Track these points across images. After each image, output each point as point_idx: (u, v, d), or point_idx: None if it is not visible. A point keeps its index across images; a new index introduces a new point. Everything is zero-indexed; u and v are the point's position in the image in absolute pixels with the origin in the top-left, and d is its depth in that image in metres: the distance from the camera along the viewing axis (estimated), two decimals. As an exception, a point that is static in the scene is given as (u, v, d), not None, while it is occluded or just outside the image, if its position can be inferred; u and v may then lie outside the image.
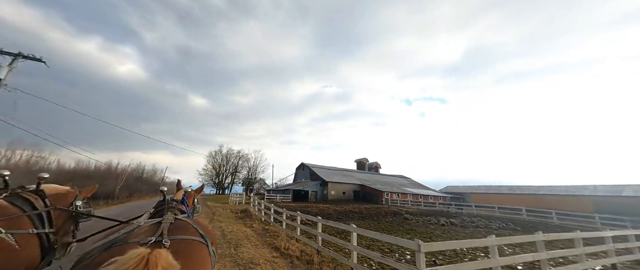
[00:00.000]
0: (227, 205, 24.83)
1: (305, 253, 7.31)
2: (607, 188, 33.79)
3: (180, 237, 1.46)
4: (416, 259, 3.78)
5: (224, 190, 65.44)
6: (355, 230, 5.64)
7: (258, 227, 11.95)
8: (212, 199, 36.01)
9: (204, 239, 1.56)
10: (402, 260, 6.95)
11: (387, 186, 42.64)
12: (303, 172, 49.47)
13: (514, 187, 43.78)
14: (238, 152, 68.81)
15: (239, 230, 10.29)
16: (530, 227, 15.86)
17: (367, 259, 6.83)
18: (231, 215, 16.72)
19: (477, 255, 8.18)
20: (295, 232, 9.39)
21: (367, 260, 6.75)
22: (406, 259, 7.15)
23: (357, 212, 19.79)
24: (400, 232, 11.97)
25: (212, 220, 12.81)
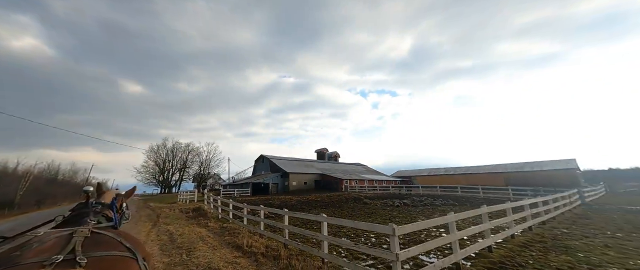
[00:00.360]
0: (176, 205, 22.19)
1: (270, 248, 6.87)
2: (514, 165, 42.28)
3: (100, 253, 1.19)
4: (391, 243, 3.75)
5: (170, 188, 58.67)
6: (326, 220, 5.44)
7: (215, 226, 10.90)
8: (156, 199, 31.81)
9: (132, 253, 1.32)
10: (368, 244, 7.12)
11: (346, 174, 44.53)
12: (263, 165, 47.74)
13: (449, 169, 51.14)
14: (187, 146, 62.11)
15: (191, 232, 9.14)
16: (464, 202, 18.55)
17: (337, 247, 6.77)
18: (181, 215, 14.92)
19: (430, 230, 9.03)
20: (259, 227, 8.80)
21: (336, 248, 6.68)
22: (371, 242, 7.37)
23: (319, 200, 20.01)
24: (363, 216, 12.49)
25: (157, 224, 11.13)
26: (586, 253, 5.68)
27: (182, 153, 61.35)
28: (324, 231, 5.42)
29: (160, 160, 57.65)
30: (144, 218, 13.50)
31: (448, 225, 4.98)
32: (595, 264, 4.93)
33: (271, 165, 43.88)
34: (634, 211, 13.05)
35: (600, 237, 7.31)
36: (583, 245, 6.30)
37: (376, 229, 4.11)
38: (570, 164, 36.33)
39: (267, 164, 45.88)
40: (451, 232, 4.88)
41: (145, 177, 55.66)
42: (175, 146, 60.22)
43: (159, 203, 25.03)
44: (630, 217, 11.10)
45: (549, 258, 5.36)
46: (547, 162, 39.50)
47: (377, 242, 7.36)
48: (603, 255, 5.52)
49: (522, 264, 5.05)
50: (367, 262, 5.52)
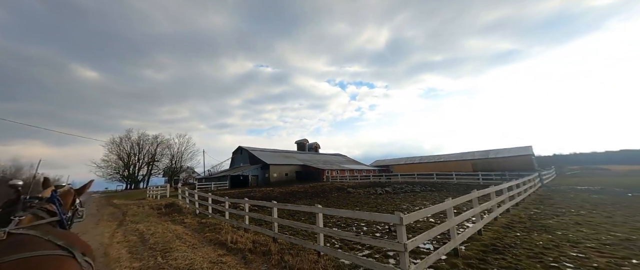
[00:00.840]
0: (146, 201, 20.40)
1: (259, 243, 6.39)
2: (480, 153, 46.00)
3: (18, 256, 1.09)
4: (398, 232, 3.50)
5: (137, 184, 54.33)
6: (321, 211, 5.08)
7: (192, 222, 10.06)
8: (121, 196, 29.08)
9: (67, 250, 1.24)
10: (360, 233, 6.95)
11: (327, 164, 44.75)
12: (241, 157, 46.00)
13: (424, 158, 54.04)
14: (155, 138, 57.45)
15: (165, 230, 8.27)
16: (441, 187, 19.55)
17: (330, 238, 6.47)
18: (152, 212, 13.65)
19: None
20: (243, 221, 8.22)
21: (331, 240, 6.39)
22: (363, 231, 7.22)
23: (303, 191, 19.70)
24: (350, 205, 12.43)
25: (123, 223, 9.96)
26: (563, 231, 6.08)
27: (149, 145, 56.70)
28: (320, 223, 5.06)
29: (124, 154, 52.74)
30: (108, 217, 12.07)
31: (446, 212, 4.91)
32: (575, 241, 5.26)
33: (250, 157, 42.44)
34: (585, 191, 14.73)
35: (568, 215, 7.98)
36: (557, 224, 6.78)
37: (381, 219, 3.84)
38: (527, 150, 40.39)
39: (245, 156, 44.29)
40: (449, 217, 4.82)
41: (107, 173, 50.69)
42: (141, 138, 55.34)
43: (125, 200, 22.87)
44: (585, 196, 12.46)
45: (533, 238, 5.63)
46: (508, 149, 43.48)
47: (369, 231, 7.23)
48: (578, 232, 5.95)
49: (512, 244, 5.21)
50: (363, 253, 5.32)
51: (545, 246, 5.01)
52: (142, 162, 56.07)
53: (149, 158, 57.06)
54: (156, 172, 59.93)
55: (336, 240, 6.35)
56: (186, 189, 15.04)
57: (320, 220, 5.09)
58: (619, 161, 49.00)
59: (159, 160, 58.92)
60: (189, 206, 13.96)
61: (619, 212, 8.15)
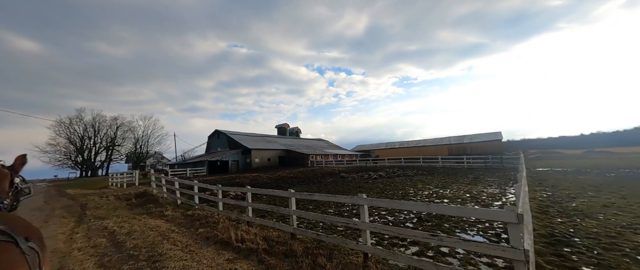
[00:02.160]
0: (109, 190, 17.71)
1: (273, 241, 5.19)
2: (455, 138, 48.79)
3: None
4: (511, 234, 2.57)
5: (94, 171, 48.49)
6: (367, 202, 4.00)
7: (175, 215, 8.46)
8: (75, 185, 25.23)
9: (7, 234, 1.01)
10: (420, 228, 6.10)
11: (310, 149, 43.78)
12: (218, 141, 42.82)
13: (404, 142, 55.96)
14: (114, 119, 51.00)
15: (144, 227, 6.64)
16: (432, 171, 19.81)
17: (380, 236, 5.33)
18: (120, 203, 11.55)
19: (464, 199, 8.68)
20: (245, 213, 6.88)
21: (380, 237, 5.23)
22: (386, 220, 6.37)
23: (292, 177, 18.56)
24: (354, 190, 11.66)
25: (84, 219, 7.99)
26: (602, 215, 5.84)
27: (108, 128, 50.33)
28: (365, 217, 3.99)
29: (76, 137, 46.18)
30: (61, 211, 9.78)
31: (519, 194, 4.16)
32: (621, 224, 4.96)
33: (229, 142, 39.65)
34: (562, 172, 15.80)
35: (584, 197, 8.01)
36: (586, 207, 6.61)
37: (487, 216, 2.87)
38: (497, 136, 43.64)
39: (224, 140, 41.31)
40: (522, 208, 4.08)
41: (56, 158, 44.17)
42: (97, 120, 48.64)
43: (82, 189, 19.70)
44: (570, 177, 13.20)
45: (584, 225, 5.25)
46: (480, 134, 46.59)
47: (395, 221, 6.41)
48: (616, 215, 5.75)
49: (569, 233, 4.74)
50: (412, 251, 4.44)
51: (607, 234, 4.61)
52: (99, 146, 49.79)
53: (108, 142, 50.86)
54: (118, 157, 54.01)
55: (387, 238, 5.33)
56: (163, 176, 12.96)
57: (366, 214, 4.02)
58: (572, 146, 55.63)
59: (120, 145, 52.93)
60: (166, 195, 12.05)
61: (623, 191, 8.38)
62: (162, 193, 12.56)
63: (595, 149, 47.66)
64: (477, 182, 12.44)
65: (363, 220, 3.99)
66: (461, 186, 11.49)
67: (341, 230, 5.85)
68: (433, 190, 10.79)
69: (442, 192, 10.03)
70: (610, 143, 57.06)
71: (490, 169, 19.19)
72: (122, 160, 56.65)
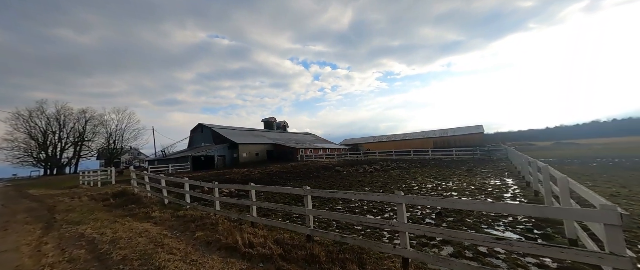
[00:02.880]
0: (81, 190, 16.00)
1: (287, 245, 4.61)
2: (439, 132, 50.36)
3: None
4: (611, 239, 2.20)
5: (61, 168, 44.42)
6: (405, 200, 3.51)
7: (164, 217, 7.58)
8: (40, 184, 22.72)
9: None
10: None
11: (299, 143, 42.98)
12: (202, 135, 40.66)
13: (391, 136, 56.89)
14: (83, 113, 46.71)
15: (131, 233, 5.75)
16: (425, 163, 20.02)
17: (425, 239, 4.78)
18: (96, 205, 10.32)
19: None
20: (249, 213, 6.20)
21: (425, 241, 4.68)
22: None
23: (286, 172, 17.87)
24: (357, 185, 11.28)
25: (53, 225, 6.86)
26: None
27: (75, 122, 46.04)
28: (403, 217, 3.51)
29: (38, 132, 41.75)
30: (24, 216, 8.44)
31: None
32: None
33: (215, 136, 37.77)
34: (546, 162, 16.54)
35: (604, 184, 8.20)
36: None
37: (588, 218, 2.46)
38: (479, 129, 45.59)
39: (208, 135, 39.29)
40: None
41: (14, 155, 39.70)
42: (62, 113, 44.21)
43: (47, 189, 17.67)
44: (557, 167, 13.73)
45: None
46: (463, 128, 48.44)
47: (414, 217, 6.05)
48: (631, 205, 5.79)
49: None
50: (448, 251, 4.06)
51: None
52: (66, 142, 45.49)
53: (76, 137, 46.61)
54: (88, 154, 49.85)
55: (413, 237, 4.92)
56: (146, 174, 11.73)
57: (405, 213, 3.54)
58: (541, 138, 59.69)
59: (91, 140, 48.79)
60: (151, 195, 10.94)
61: (618, 180, 8.67)
62: (145, 192, 11.38)
63: (562, 141, 51.40)
64: (474, 174, 12.58)
65: (401, 221, 3.50)
66: (460, 178, 11.53)
67: (360, 229, 5.39)
68: (435, 183, 10.68)
69: (446, 185, 9.93)
70: (573, 136, 62.23)
71: (479, 161, 19.77)
72: (93, 156, 52.45)
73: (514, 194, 7.89)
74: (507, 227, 4.98)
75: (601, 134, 63.11)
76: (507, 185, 9.31)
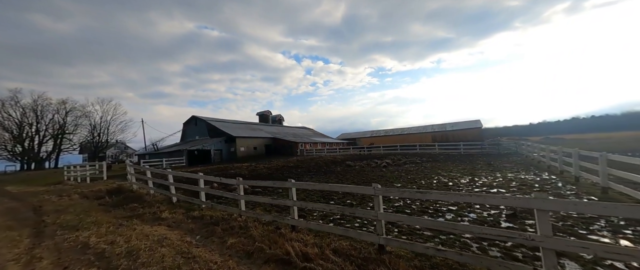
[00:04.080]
0: (67, 187, 14.45)
1: (350, 257, 3.73)
2: (438, 126, 50.52)
3: None
4: None
5: (40, 163, 41.44)
6: (551, 206, 2.67)
7: (178, 217, 6.58)
8: (17, 180, 20.66)
9: None
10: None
11: (298, 137, 41.85)
12: (195, 129, 38.68)
13: (389, 130, 56.67)
14: (62, 103, 43.44)
15: (147, 240, 4.70)
16: (436, 157, 19.56)
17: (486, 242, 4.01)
18: (91, 204, 9.07)
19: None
20: (288, 214, 5.24)
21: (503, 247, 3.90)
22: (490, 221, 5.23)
23: (294, 166, 16.87)
24: (381, 180, 10.49)
25: (43, 230, 5.65)
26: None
27: (55, 113, 42.81)
28: (548, 228, 2.67)
29: (12, 123, 38.48)
30: (4, 219, 7.08)
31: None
32: None
33: (210, 129, 35.97)
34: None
35: None
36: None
37: None
38: (477, 124, 46.01)
39: (202, 128, 37.40)
40: None
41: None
42: (39, 103, 40.90)
43: (27, 186, 15.92)
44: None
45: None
46: (460, 122, 48.78)
47: (481, 219, 5.29)
48: None
49: None
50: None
51: None
52: (44, 134, 42.29)
53: (56, 130, 43.42)
54: (69, 147, 46.71)
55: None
56: (147, 168, 10.42)
57: (550, 226, 2.69)
58: (526, 133, 61.50)
59: (72, 133, 45.66)
60: (153, 192, 9.72)
61: None
62: (147, 189, 10.13)
63: (550, 136, 52.99)
64: (498, 169, 12.07)
65: (546, 234, 2.64)
66: (488, 173, 10.98)
67: (429, 235, 4.56)
68: (467, 178, 10.03)
69: (483, 181, 9.27)
70: (555, 131, 64.68)
71: (490, 155, 19.51)
72: (75, 150, 49.28)
73: (576, 189, 7.31)
74: (602, 229, 4.29)
75: (582, 130, 65.97)
76: (546, 179, 8.78)
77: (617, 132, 54.14)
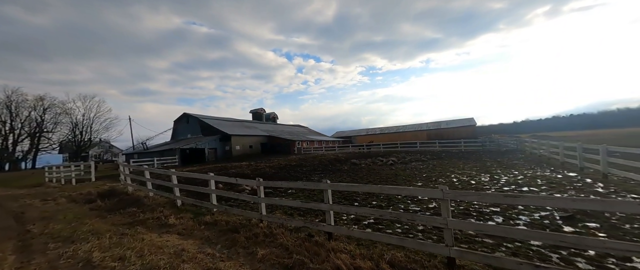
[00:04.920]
0: (51, 189, 13.19)
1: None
2: (433, 124, 51.18)
3: None
4: None
5: (15, 163, 38.67)
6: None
7: (188, 223, 5.91)
8: (-5, 182, 18.88)
9: None
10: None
11: (293, 135, 41.04)
12: (187, 126, 37.08)
13: (384, 128, 56.86)
14: (40, 100, 40.63)
15: (162, 253, 3.99)
16: (439, 155, 19.43)
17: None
18: (81, 208, 8.16)
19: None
20: (323, 220, 4.64)
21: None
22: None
23: (297, 165, 16.21)
24: (398, 179, 10.03)
25: (31, 243, 4.80)
26: None
27: (31, 110, 39.97)
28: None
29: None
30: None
31: None
32: None
33: (203, 127, 34.54)
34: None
35: None
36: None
37: None
38: (471, 121, 46.85)
39: (195, 125, 35.88)
40: None
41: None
42: (13, 99, 38.01)
43: (3, 189, 14.48)
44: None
45: None
46: (455, 120, 49.58)
47: (540, 223, 4.89)
48: None
49: None
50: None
51: None
52: (19, 133, 39.42)
53: (33, 128, 40.57)
54: (48, 147, 43.87)
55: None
56: (146, 168, 9.46)
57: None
58: (512, 131, 63.61)
59: (51, 131, 42.85)
60: (153, 194, 8.85)
61: None
62: (145, 191, 9.21)
63: (536, 133, 54.90)
64: (512, 166, 11.86)
65: None
66: (504, 171, 10.74)
67: (492, 243, 4.08)
68: (487, 176, 9.70)
69: (506, 179, 8.94)
70: (538, 129, 67.32)
71: (492, 153, 19.57)
72: (54, 149, 46.29)
73: (605, 186, 7.09)
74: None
75: (563, 128, 69.05)
76: (569, 177, 8.57)
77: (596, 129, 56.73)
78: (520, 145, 19.72)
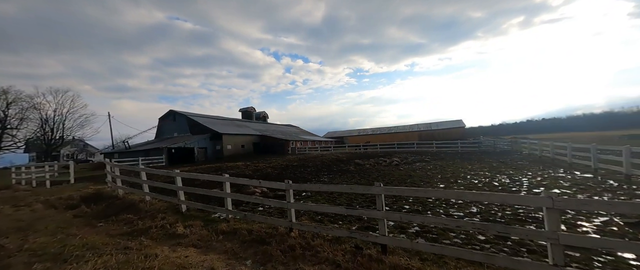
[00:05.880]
0: (21, 193, 11.56)
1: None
2: (423, 125, 52.15)
3: None
4: None
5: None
6: None
7: (201, 233, 5.13)
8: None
9: None
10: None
11: (286, 135, 39.98)
12: (174, 124, 34.90)
13: (376, 129, 57.17)
14: (3, 93, 36.68)
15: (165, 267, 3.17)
16: (439, 155, 19.43)
17: None
18: (64, 216, 7.03)
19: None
20: (372, 229, 4.02)
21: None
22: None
23: (298, 165, 15.43)
24: (417, 180, 9.58)
25: (11, 265, 3.76)
26: None
27: (-8, 103, 35.97)
28: None
29: None
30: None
31: None
32: None
33: (191, 125, 32.62)
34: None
35: None
36: None
37: None
38: (460, 123, 48.19)
39: (182, 123, 33.84)
40: None
41: None
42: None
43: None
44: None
45: None
46: (445, 122, 50.81)
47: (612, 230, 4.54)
48: None
49: None
50: None
51: None
52: (-23, 127, 35.40)
53: (-6, 123, 36.56)
54: (11, 145, 39.75)
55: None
56: (142, 168, 8.30)
57: None
58: (491, 133, 66.63)
59: (16, 128, 38.84)
60: (150, 198, 7.80)
61: None
62: (140, 194, 8.10)
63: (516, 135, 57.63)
64: (520, 167, 11.83)
65: None
66: (516, 172, 10.63)
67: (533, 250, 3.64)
68: (505, 178, 9.51)
69: (527, 181, 8.75)
70: (515, 132, 71.27)
71: (490, 153, 19.87)
72: (20, 148, 42.04)
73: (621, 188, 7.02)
74: None
75: (537, 130, 73.47)
76: (587, 178, 8.54)
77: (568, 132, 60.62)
78: (515, 146, 20.21)
